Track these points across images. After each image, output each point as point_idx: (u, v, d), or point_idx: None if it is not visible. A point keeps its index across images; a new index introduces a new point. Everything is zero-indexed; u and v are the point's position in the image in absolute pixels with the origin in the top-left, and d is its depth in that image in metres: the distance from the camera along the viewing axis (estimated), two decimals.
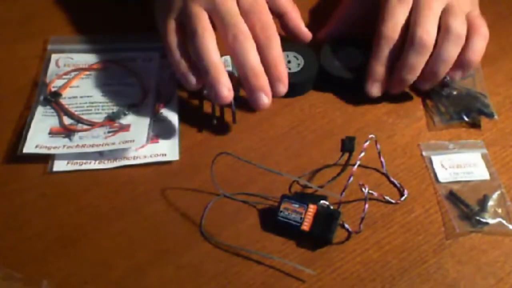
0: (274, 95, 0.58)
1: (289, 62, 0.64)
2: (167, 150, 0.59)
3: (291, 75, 0.61)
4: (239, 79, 0.62)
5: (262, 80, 0.57)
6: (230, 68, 0.64)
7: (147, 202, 0.56)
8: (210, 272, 0.51)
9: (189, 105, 0.63)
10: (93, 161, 0.58)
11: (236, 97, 0.60)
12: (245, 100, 0.63)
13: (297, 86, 0.63)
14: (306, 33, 0.64)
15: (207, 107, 0.63)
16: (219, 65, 0.57)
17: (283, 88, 0.58)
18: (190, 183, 0.57)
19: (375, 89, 0.61)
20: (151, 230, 0.54)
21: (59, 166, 0.58)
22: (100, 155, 0.58)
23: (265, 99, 0.57)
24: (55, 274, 0.51)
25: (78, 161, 0.58)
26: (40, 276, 0.51)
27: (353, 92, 0.63)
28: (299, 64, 0.64)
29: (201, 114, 0.62)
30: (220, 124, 0.62)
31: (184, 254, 0.53)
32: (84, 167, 0.58)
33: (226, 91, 0.57)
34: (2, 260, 0.52)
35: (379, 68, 0.60)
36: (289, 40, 0.64)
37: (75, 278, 0.51)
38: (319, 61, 0.64)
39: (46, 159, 0.58)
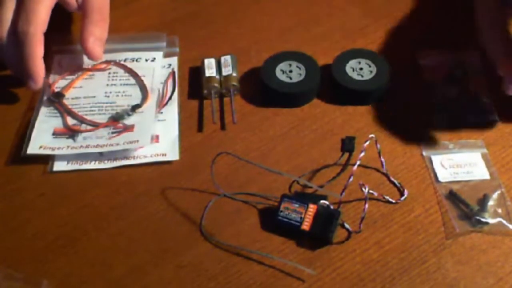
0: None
1: (291, 71, 0.63)
2: (167, 150, 0.59)
3: (295, 85, 0.62)
4: (237, 78, 0.62)
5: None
6: (230, 68, 0.64)
7: (147, 202, 0.56)
8: (210, 272, 0.51)
9: (189, 105, 0.63)
10: (93, 161, 0.58)
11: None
12: (244, 100, 0.63)
13: (301, 96, 0.63)
14: (90, 51, 0.62)
15: (207, 107, 0.63)
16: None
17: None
18: (190, 183, 0.57)
19: None
20: (151, 230, 0.54)
21: (59, 166, 0.58)
22: (100, 155, 0.58)
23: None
24: (55, 274, 0.51)
25: (78, 161, 0.58)
26: (40, 276, 0.51)
27: (361, 102, 0.63)
28: (300, 74, 0.63)
29: (201, 114, 0.62)
30: (220, 124, 0.62)
31: (184, 254, 0.53)
32: (84, 167, 0.58)
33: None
34: (2, 260, 0.52)
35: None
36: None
37: (75, 277, 0.51)
38: (321, 71, 0.63)
39: (46, 159, 0.58)
